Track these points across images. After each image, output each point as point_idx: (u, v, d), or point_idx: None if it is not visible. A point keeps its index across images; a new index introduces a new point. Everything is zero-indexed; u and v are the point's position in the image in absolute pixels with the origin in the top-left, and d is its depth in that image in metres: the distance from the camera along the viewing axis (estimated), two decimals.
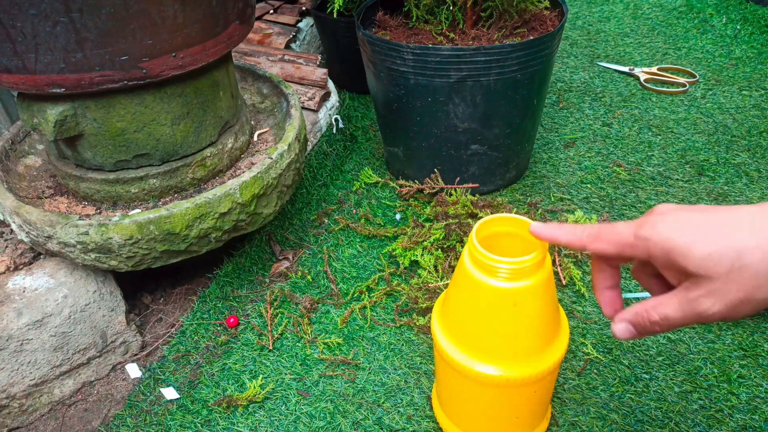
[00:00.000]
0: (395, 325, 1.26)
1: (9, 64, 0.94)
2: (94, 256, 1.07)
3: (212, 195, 1.08)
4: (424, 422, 1.07)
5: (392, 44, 1.35)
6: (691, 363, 1.12)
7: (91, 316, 1.17)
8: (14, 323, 1.07)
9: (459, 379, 0.89)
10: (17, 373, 1.10)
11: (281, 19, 2.07)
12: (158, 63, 0.99)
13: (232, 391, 1.15)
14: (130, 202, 1.17)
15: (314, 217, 1.57)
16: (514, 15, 1.45)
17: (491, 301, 0.77)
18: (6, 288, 1.11)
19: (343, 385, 1.15)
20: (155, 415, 1.12)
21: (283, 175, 1.21)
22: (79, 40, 0.91)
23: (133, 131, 1.08)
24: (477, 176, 1.55)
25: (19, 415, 1.14)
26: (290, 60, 1.82)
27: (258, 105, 1.48)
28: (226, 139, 1.23)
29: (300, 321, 1.28)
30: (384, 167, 1.76)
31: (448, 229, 1.35)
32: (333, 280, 1.38)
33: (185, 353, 1.24)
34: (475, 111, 1.40)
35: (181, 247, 1.10)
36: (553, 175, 1.66)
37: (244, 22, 1.15)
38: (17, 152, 1.31)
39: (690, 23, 2.38)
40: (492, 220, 0.82)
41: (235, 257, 1.42)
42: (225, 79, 1.20)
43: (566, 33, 2.41)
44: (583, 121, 1.87)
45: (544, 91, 1.48)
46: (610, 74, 2.11)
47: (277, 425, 1.09)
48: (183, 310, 1.35)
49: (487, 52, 1.29)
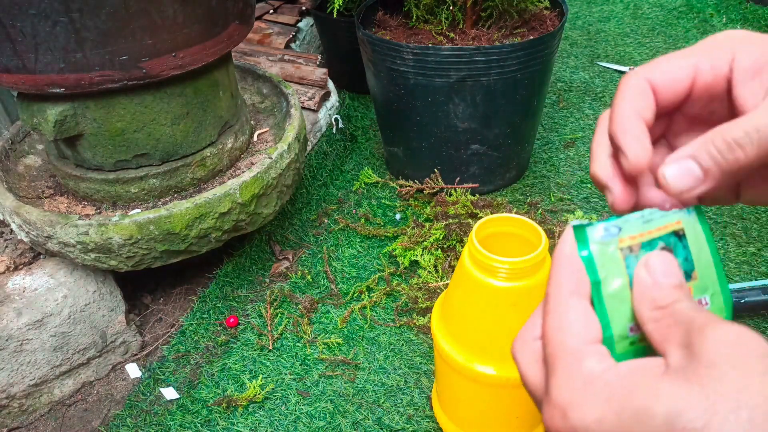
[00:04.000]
0: (395, 325, 1.26)
1: (9, 64, 0.94)
2: (94, 256, 1.07)
3: (212, 195, 1.08)
4: (424, 422, 1.07)
5: (392, 44, 1.35)
6: None
7: (90, 316, 1.17)
8: (14, 323, 1.07)
9: (459, 379, 0.89)
10: (17, 373, 1.10)
11: (281, 19, 2.07)
12: (158, 63, 0.99)
13: (232, 391, 1.15)
14: (129, 202, 1.16)
15: (314, 217, 1.57)
16: (514, 15, 1.45)
17: (491, 301, 0.77)
18: (6, 288, 1.11)
19: (343, 385, 1.15)
20: (155, 415, 1.12)
21: (282, 175, 1.21)
22: (79, 40, 0.91)
23: (132, 131, 1.08)
24: (477, 176, 1.55)
25: (19, 415, 1.14)
26: (290, 60, 1.82)
27: (258, 105, 1.48)
28: (226, 139, 1.23)
29: (300, 321, 1.28)
30: (384, 167, 1.76)
31: (448, 229, 1.35)
32: (333, 280, 1.37)
33: (185, 353, 1.23)
34: (475, 111, 1.40)
35: (180, 247, 1.10)
36: (553, 175, 1.66)
37: (244, 22, 1.14)
38: (17, 152, 1.31)
39: (690, 23, 2.38)
40: (492, 220, 0.82)
41: (235, 257, 1.42)
42: (225, 79, 1.20)
43: (566, 33, 2.41)
44: (583, 121, 1.87)
45: (544, 91, 1.48)
46: (610, 74, 2.11)
47: (277, 425, 1.09)
48: (183, 310, 1.35)
49: (487, 52, 1.29)
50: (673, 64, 0.32)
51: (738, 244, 1.38)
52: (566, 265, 0.31)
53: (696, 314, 0.27)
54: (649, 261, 0.30)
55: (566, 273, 0.31)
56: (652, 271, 0.30)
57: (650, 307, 0.29)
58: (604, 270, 0.31)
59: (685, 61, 0.32)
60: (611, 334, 0.30)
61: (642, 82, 0.32)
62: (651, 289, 0.29)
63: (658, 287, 0.29)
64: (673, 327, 0.28)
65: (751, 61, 0.30)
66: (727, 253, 1.36)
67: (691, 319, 0.27)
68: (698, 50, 0.32)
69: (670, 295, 0.29)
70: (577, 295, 0.31)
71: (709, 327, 0.25)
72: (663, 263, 0.30)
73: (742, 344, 0.24)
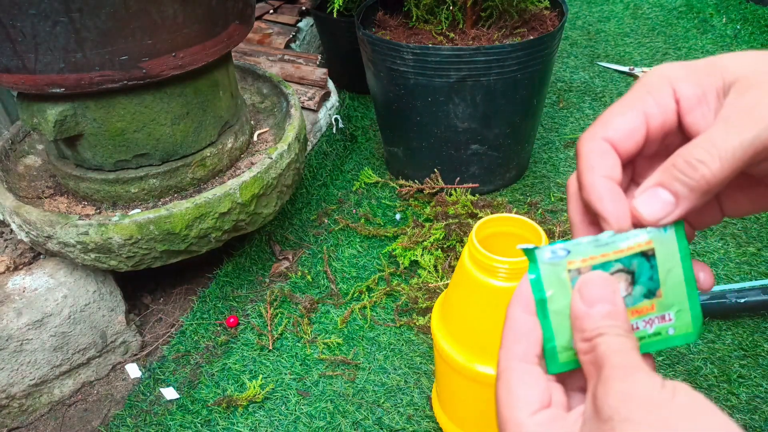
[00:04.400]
0: (395, 325, 1.26)
1: (9, 64, 0.94)
2: (94, 256, 1.07)
3: (212, 195, 1.08)
4: (424, 422, 1.07)
5: (392, 44, 1.35)
6: (691, 363, 1.12)
7: (90, 316, 1.17)
8: (14, 323, 1.07)
9: (459, 379, 0.89)
10: (17, 373, 1.10)
11: (281, 19, 2.07)
12: (158, 63, 0.99)
13: (232, 391, 1.15)
14: (129, 202, 1.16)
15: (314, 217, 1.57)
16: (514, 15, 1.45)
17: (491, 301, 0.77)
18: (6, 288, 1.11)
19: (343, 385, 1.15)
20: (155, 415, 1.12)
21: (282, 175, 1.21)
22: (78, 40, 0.91)
23: (132, 131, 1.08)
24: (477, 176, 1.55)
25: (19, 415, 1.14)
26: (290, 60, 1.82)
27: (258, 105, 1.48)
28: (226, 139, 1.23)
29: (300, 321, 1.28)
30: (384, 167, 1.76)
31: (448, 229, 1.35)
32: (333, 280, 1.38)
33: (185, 353, 1.23)
34: (475, 111, 1.40)
35: (180, 247, 1.10)
36: (553, 175, 1.66)
37: (244, 22, 1.15)
38: (17, 152, 1.31)
39: (690, 23, 2.38)
40: (492, 220, 0.82)
41: (235, 257, 1.42)
42: (225, 79, 1.20)
43: (566, 33, 2.41)
44: (583, 121, 1.87)
45: (544, 91, 1.48)
46: (610, 74, 2.11)
47: (277, 425, 1.09)
48: (183, 310, 1.35)
49: (487, 52, 1.29)
50: (626, 118, 0.32)
51: (738, 244, 1.38)
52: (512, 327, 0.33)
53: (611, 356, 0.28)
54: (581, 287, 0.31)
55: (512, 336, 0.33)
56: (583, 298, 0.31)
57: (579, 338, 0.31)
58: (552, 288, 0.32)
59: (633, 111, 0.32)
60: (554, 345, 0.32)
61: (601, 143, 0.32)
62: (581, 319, 0.31)
63: (587, 317, 0.30)
64: (591, 366, 0.29)
65: (692, 90, 0.31)
66: (727, 253, 1.36)
67: (603, 363, 0.28)
68: (639, 96, 0.33)
69: (596, 327, 0.30)
70: (524, 361, 0.32)
71: (611, 380, 0.27)
72: (595, 288, 0.31)
73: (633, 400, 0.26)
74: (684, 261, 0.33)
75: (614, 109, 0.33)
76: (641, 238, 0.32)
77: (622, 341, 0.29)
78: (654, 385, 0.26)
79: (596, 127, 0.33)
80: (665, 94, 0.32)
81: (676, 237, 0.32)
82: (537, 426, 0.29)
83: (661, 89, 0.32)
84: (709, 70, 0.31)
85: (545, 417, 0.30)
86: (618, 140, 0.32)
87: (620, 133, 0.32)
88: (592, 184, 0.32)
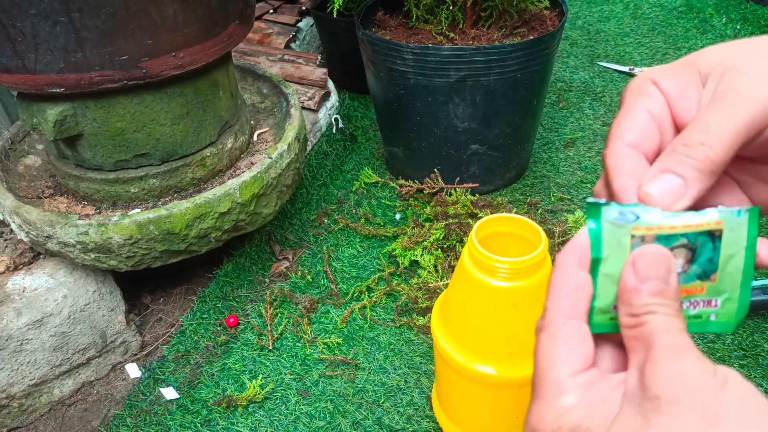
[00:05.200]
0: (395, 325, 1.26)
1: (9, 63, 0.94)
2: (94, 256, 1.07)
3: (212, 195, 1.08)
4: (424, 422, 1.07)
5: (392, 44, 1.35)
6: None
7: (90, 316, 1.17)
8: (14, 323, 1.07)
9: (459, 379, 0.89)
10: (17, 373, 1.10)
11: (281, 18, 2.07)
12: (158, 63, 0.99)
13: (232, 391, 1.15)
14: (129, 202, 1.16)
15: (314, 217, 1.57)
16: (514, 15, 1.45)
17: (491, 301, 0.77)
18: (6, 288, 1.11)
19: (343, 385, 1.15)
20: (155, 415, 1.12)
21: (282, 175, 1.21)
22: (78, 40, 0.91)
23: (132, 131, 1.08)
24: (477, 176, 1.55)
25: (19, 415, 1.14)
26: (290, 60, 1.82)
27: (258, 105, 1.48)
28: (226, 139, 1.23)
29: (300, 321, 1.28)
30: (384, 167, 1.76)
31: (448, 229, 1.35)
32: (333, 280, 1.37)
33: (185, 353, 1.23)
34: (475, 111, 1.40)
35: (180, 247, 1.10)
36: (553, 175, 1.66)
37: (244, 22, 1.14)
38: (17, 152, 1.31)
39: (690, 23, 2.38)
40: (492, 220, 0.82)
41: (235, 257, 1.42)
42: (225, 79, 1.20)
43: (566, 33, 2.41)
44: (583, 121, 1.87)
45: (544, 91, 1.48)
46: (610, 74, 2.11)
47: (277, 425, 1.09)
48: (183, 310, 1.35)
49: (487, 52, 1.29)
50: (633, 119, 0.33)
51: None
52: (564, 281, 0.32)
53: (660, 335, 0.28)
54: (636, 260, 0.31)
55: (565, 292, 0.32)
56: (636, 271, 0.30)
57: (625, 311, 0.30)
58: (609, 249, 0.31)
59: (636, 112, 0.34)
60: (594, 305, 0.31)
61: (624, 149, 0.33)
62: (630, 292, 0.30)
63: (636, 293, 0.30)
64: (637, 341, 0.29)
65: (673, 84, 0.33)
66: None
67: (651, 341, 0.28)
68: (633, 99, 0.34)
69: (644, 304, 0.29)
70: (573, 317, 0.31)
71: (662, 359, 0.27)
72: (649, 264, 0.30)
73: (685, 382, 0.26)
74: (749, 250, 0.31)
75: (619, 120, 0.34)
76: (712, 216, 0.31)
77: (673, 321, 0.29)
78: (705, 370, 0.26)
79: (613, 141, 0.33)
80: (652, 90, 0.33)
81: (748, 224, 0.31)
82: (575, 388, 0.29)
83: (647, 87, 0.34)
84: (685, 66, 0.33)
85: (584, 380, 0.29)
86: (637, 141, 0.33)
87: (636, 134, 0.33)
88: (623, 188, 0.32)
